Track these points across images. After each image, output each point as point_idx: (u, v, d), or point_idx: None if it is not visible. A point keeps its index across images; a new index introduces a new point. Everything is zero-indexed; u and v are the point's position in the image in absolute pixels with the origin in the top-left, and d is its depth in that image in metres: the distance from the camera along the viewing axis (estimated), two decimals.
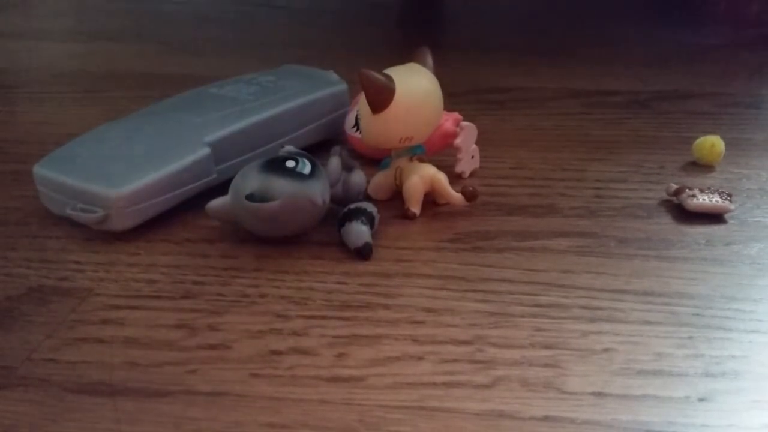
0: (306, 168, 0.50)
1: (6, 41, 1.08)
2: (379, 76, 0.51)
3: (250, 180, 0.49)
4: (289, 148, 0.53)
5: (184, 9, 1.22)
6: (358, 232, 0.51)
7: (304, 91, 0.64)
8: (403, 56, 0.55)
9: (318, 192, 0.50)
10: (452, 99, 0.59)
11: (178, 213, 0.55)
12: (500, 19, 1.13)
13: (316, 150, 0.64)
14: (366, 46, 0.98)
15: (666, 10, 1.11)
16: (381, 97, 0.52)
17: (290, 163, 0.50)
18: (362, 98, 0.53)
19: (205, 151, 0.55)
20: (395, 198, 0.57)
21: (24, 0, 1.28)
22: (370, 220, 0.52)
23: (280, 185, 0.48)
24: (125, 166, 0.53)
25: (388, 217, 0.55)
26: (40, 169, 0.55)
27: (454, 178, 0.59)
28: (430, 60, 0.56)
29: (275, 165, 0.50)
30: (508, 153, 0.66)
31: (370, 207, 0.53)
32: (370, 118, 0.53)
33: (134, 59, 0.96)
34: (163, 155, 0.54)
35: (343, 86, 0.67)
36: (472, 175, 0.62)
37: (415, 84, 0.53)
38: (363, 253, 0.50)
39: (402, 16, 1.19)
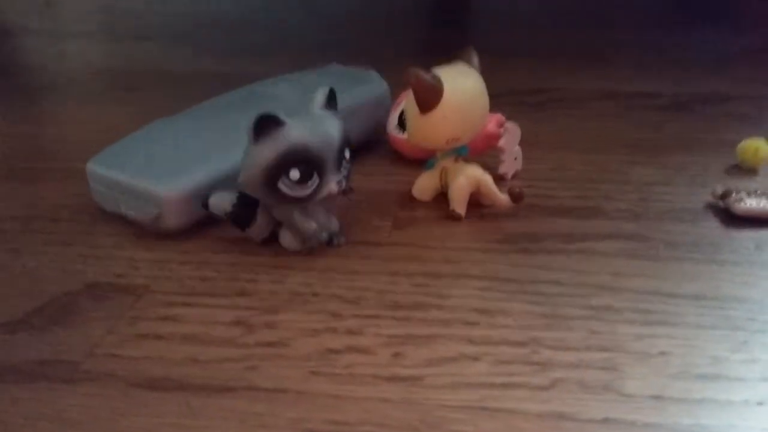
0: None
1: (43, 41, 1.10)
2: (427, 75, 0.52)
3: None
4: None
5: (219, 10, 1.23)
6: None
7: (346, 91, 0.64)
8: (438, 58, 0.55)
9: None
10: (490, 100, 0.59)
11: None
12: (530, 22, 1.13)
13: (360, 150, 0.65)
14: (403, 48, 0.99)
15: (702, 13, 1.11)
16: (429, 97, 0.52)
17: None
18: (409, 98, 0.53)
19: None
20: (438, 199, 0.57)
21: (57, 0, 1.29)
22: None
23: None
24: (177, 164, 0.54)
25: (436, 218, 0.56)
26: (93, 166, 0.55)
27: (496, 179, 0.59)
28: (476, 60, 0.56)
29: None
30: (549, 154, 0.66)
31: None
32: (417, 118, 0.53)
33: (173, 59, 0.97)
34: (215, 154, 0.55)
35: (384, 86, 0.67)
36: (514, 176, 0.62)
37: (463, 84, 0.53)
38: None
39: (434, 20, 1.19)
